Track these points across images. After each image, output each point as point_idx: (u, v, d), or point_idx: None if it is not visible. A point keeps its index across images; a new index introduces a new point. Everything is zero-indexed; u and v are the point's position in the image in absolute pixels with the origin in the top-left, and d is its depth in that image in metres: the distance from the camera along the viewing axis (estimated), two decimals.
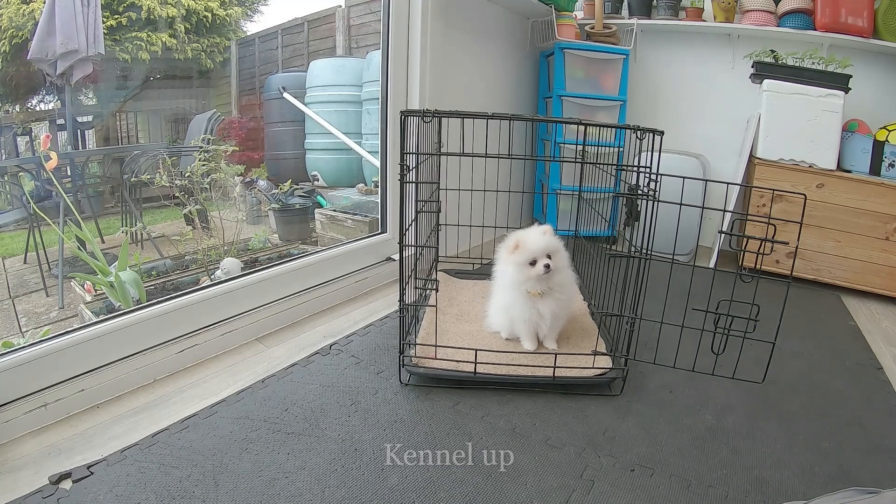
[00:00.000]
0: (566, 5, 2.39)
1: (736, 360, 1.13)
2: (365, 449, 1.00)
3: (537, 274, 1.20)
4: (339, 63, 3.51)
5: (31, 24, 2.91)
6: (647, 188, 1.11)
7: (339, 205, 2.96)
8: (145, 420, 1.07)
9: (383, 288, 1.85)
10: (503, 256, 1.27)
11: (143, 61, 3.56)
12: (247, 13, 4.48)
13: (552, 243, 1.23)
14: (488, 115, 1.15)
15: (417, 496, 0.89)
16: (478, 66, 2.21)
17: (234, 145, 3.36)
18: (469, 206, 1.85)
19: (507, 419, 1.11)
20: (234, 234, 2.47)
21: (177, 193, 2.38)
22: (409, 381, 1.24)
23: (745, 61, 2.29)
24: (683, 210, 1.07)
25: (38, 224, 2.39)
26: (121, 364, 1.17)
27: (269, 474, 0.92)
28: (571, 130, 2.31)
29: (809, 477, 0.97)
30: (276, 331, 1.49)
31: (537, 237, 1.23)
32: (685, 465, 0.99)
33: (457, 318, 1.50)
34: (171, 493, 0.87)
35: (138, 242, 2.77)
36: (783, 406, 1.21)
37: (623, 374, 1.24)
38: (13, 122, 3.13)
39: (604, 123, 1.67)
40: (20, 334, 1.98)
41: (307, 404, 1.14)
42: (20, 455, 0.96)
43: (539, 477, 0.95)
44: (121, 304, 1.76)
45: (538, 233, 1.24)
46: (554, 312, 1.27)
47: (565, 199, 2.35)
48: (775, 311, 1.09)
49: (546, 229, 1.25)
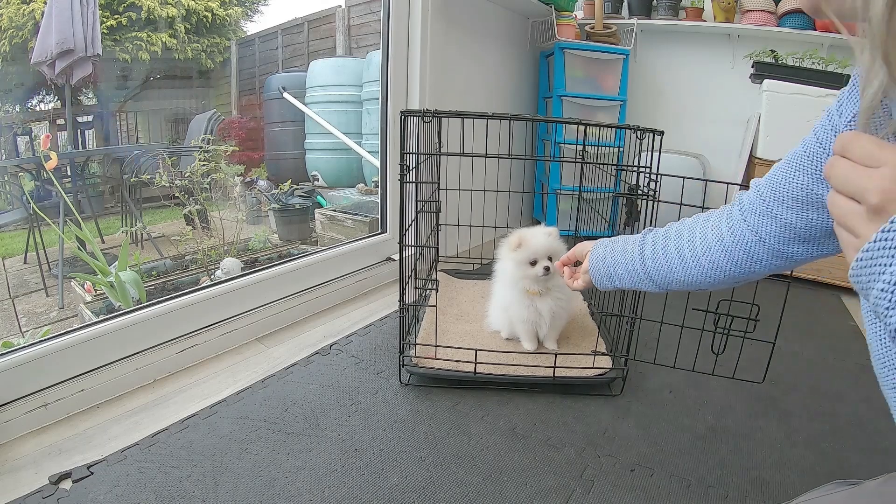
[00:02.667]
0: (566, 5, 2.39)
1: (736, 360, 1.13)
2: (365, 449, 1.00)
3: (535, 274, 1.20)
4: (339, 63, 3.51)
5: (32, 25, 2.92)
6: (647, 188, 1.11)
7: (339, 205, 2.96)
8: (145, 420, 1.07)
9: (383, 288, 1.85)
10: (504, 253, 1.27)
11: (143, 61, 3.56)
12: (247, 13, 4.48)
13: (555, 245, 1.23)
14: (488, 115, 1.15)
15: (417, 496, 0.89)
16: (478, 66, 2.21)
17: (234, 145, 3.36)
18: (469, 206, 1.85)
19: (507, 419, 1.11)
20: (234, 234, 2.47)
21: (177, 193, 2.38)
22: (409, 381, 1.24)
23: (745, 61, 2.29)
24: (683, 210, 1.07)
25: (38, 224, 2.39)
26: (121, 364, 1.17)
27: (269, 474, 0.92)
28: (571, 130, 2.31)
29: (809, 477, 0.97)
30: (276, 331, 1.49)
31: (541, 238, 1.22)
32: (685, 465, 0.99)
33: (457, 318, 1.50)
34: (171, 493, 0.87)
35: (138, 242, 2.77)
36: (783, 406, 1.21)
37: (623, 374, 1.24)
38: (13, 122, 3.13)
39: (604, 123, 1.66)
40: (20, 334, 1.98)
41: (307, 404, 1.14)
42: (20, 455, 0.96)
43: (539, 477, 0.95)
44: (121, 304, 1.76)
45: (542, 233, 1.24)
46: (553, 312, 1.27)
47: (565, 199, 2.35)
48: (775, 311, 1.09)
49: (551, 231, 1.25)
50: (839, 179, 0.38)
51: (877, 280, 0.34)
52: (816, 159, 0.56)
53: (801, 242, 0.61)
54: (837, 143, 0.38)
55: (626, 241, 0.84)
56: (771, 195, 0.62)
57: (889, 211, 0.34)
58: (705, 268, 0.71)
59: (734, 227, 0.67)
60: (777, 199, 0.61)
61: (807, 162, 0.57)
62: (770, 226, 0.62)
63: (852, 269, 0.37)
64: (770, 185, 0.62)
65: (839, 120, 0.53)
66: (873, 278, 0.35)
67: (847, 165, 0.37)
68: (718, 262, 0.69)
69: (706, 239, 0.71)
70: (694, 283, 0.74)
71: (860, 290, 0.37)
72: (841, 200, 0.38)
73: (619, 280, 0.84)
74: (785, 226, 0.61)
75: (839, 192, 0.38)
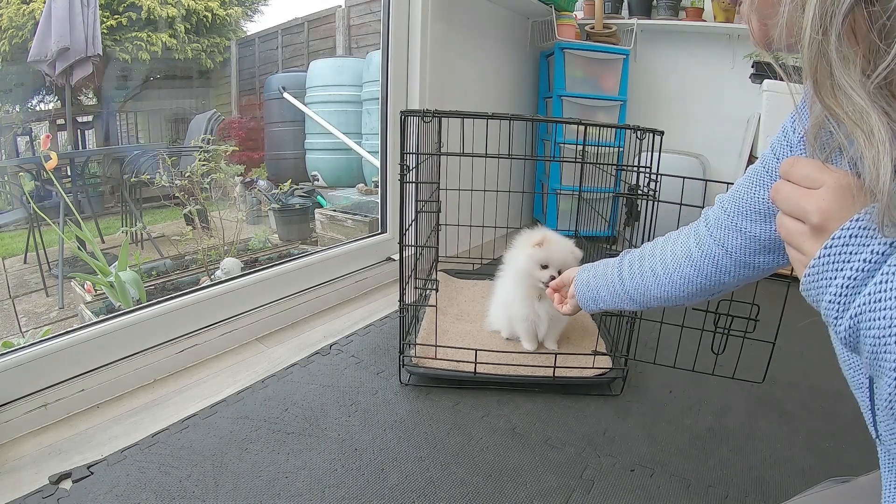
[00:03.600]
0: (566, 5, 2.39)
1: (736, 360, 1.13)
2: (365, 449, 1.00)
3: (541, 278, 1.20)
4: (339, 63, 3.51)
5: (32, 25, 2.92)
6: (647, 188, 1.11)
7: (339, 205, 2.96)
8: (145, 420, 1.07)
9: (383, 288, 1.85)
10: (522, 244, 1.25)
11: (143, 61, 3.56)
12: (247, 13, 4.48)
13: (569, 262, 1.20)
14: (488, 115, 1.15)
15: (417, 496, 0.89)
16: (478, 66, 2.21)
17: (234, 145, 3.36)
18: (469, 206, 1.85)
19: (507, 419, 1.11)
20: (234, 234, 2.47)
21: (177, 193, 2.38)
22: (409, 381, 1.24)
23: (745, 61, 2.29)
24: (683, 210, 1.07)
25: (38, 224, 2.39)
26: (121, 364, 1.17)
27: (269, 474, 0.92)
28: (571, 130, 2.31)
29: (809, 477, 0.97)
30: (276, 331, 1.49)
31: (564, 249, 1.21)
32: (685, 465, 0.99)
33: (457, 318, 1.50)
34: (171, 493, 0.87)
35: (138, 242, 2.77)
36: (783, 406, 1.21)
37: (623, 374, 1.24)
38: (13, 122, 3.13)
39: (604, 123, 1.67)
40: (20, 334, 1.98)
41: (307, 404, 1.14)
42: (20, 455, 0.96)
43: (539, 477, 0.95)
44: (121, 304, 1.76)
45: (568, 247, 1.22)
46: (550, 316, 1.27)
47: (565, 199, 2.35)
48: (775, 311, 1.09)
49: (577, 253, 1.23)
50: (784, 202, 0.40)
51: (824, 293, 0.36)
52: (774, 174, 0.58)
53: (767, 252, 0.63)
54: (781, 167, 0.41)
55: (605, 265, 0.88)
56: (734, 209, 0.64)
57: (829, 229, 0.36)
58: (677, 283, 0.74)
59: (701, 241, 0.70)
60: (740, 213, 0.63)
61: (766, 177, 0.59)
62: (735, 239, 0.65)
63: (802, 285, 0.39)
64: (733, 199, 0.64)
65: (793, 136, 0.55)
66: (821, 291, 0.37)
67: (790, 189, 0.39)
68: (689, 277, 0.72)
69: (676, 255, 0.74)
70: (670, 298, 0.76)
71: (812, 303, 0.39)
72: (787, 221, 0.40)
73: (603, 302, 0.88)
74: (749, 238, 0.63)
75: (785, 213, 0.40)
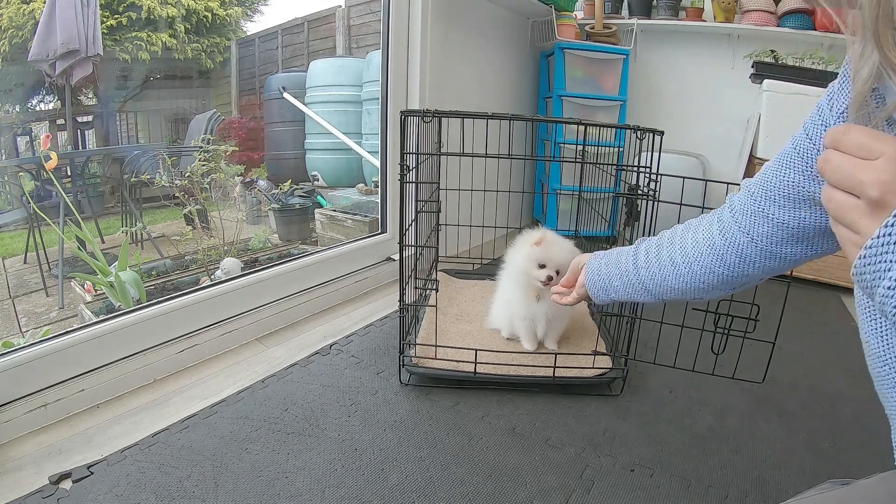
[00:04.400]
0: (566, 5, 2.39)
1: (736, 360, 1.13)
2: (365, 449, 1.00)
3: (538, 277, 1.20)
4: (339, 63, 3.51)
5: (32, 24, 2.92)
6: (647, 188, 1.11)
7: (339, 205, 2.96)
8: (145, 420, 1.07)
9: (383, 288, 1.85)
10: (522, 243, 1.26)
11: (143, 61, 3.56)
12: (247, 13, 4.48)
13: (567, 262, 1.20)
14: (488, 115, 1.15)
15: (417, 496, 0.89)
16: (478, 65, 2.21)
17: (233, 145, 3.36)
18: (469, 206, 1.85)
19: (507, 419, 1.11)
20: (234, 234, 2.47)
21: (177, 193, 2.38)
22: (409, 381, 1.24)
23: (745, 61, 2.29)
24: (683, 210, 1.07)
25: (38, 224, 2.39)
26: (121, 364, 1.17)
27: (269, 474, 0.92)
28: (571, 130, 2.31)
29: (809, 477, 0.97)
30: (276, 331, 1.49)
31: (564, 250, 1.21)
32: (685, 465, 0.99)
33: (457, 318, 1.50)
34: (171, 493, 0.87)
35: (138, 242, 2.77)
36: (783, 406, 1.21)
37: (623, 374, 1.24)
38: (13, 122, 3.13)
39: (604, 123, 1.66)
40: (20, 334, 1.98)
41: (307, 404, 1.14)
42: (20, 455, 0.96)
43: (539, 477, 0.95)
44: (121, 304, 1.76)
45: (568, 248, 1.22)
46: (548, 316, 1.27)
47: (565, 199, 2.35)
48: (775, 311, 1.09)
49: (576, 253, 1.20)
50: (834, 173, 0.36)
51: (882, 277, 0.33)
52: (807, 156, 0.55)
53: (794, 242, 0.60)
54: (828, 136, 0.36)
55: (620, 253, 0.84)
56: (762, 195, 0.61)
57: (890, 204, 0.32)
58: (697, 274, 0.70)
59: (725, 229, 0.66)
60: (769, 198, 0.60)
61: (797, 159, 0.56)
62: (762, 226, 0.62)
63: (855, 267, 0.35)
64: (761, 184, 0.61)
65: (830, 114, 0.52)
66: (878, 276, 0.33)
67: (841, 159, 0.35)
68: (711, 267, 0.68)
69: (697, 244, 0.70)
70: (688, 290, 0.73)
71: (864, 289, 0.35)
72: (837, 195, 0.36)
73: (615, 292, 0.84)
74: (777, 225, 0.60)
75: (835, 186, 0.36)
